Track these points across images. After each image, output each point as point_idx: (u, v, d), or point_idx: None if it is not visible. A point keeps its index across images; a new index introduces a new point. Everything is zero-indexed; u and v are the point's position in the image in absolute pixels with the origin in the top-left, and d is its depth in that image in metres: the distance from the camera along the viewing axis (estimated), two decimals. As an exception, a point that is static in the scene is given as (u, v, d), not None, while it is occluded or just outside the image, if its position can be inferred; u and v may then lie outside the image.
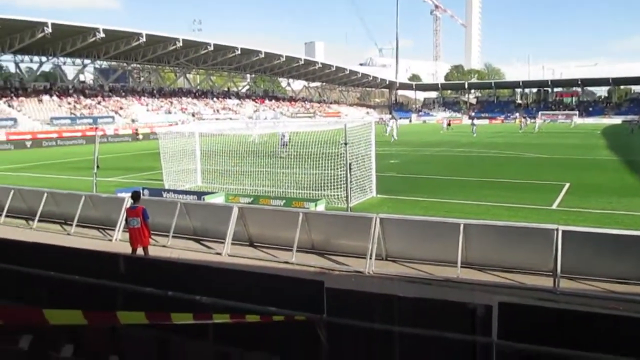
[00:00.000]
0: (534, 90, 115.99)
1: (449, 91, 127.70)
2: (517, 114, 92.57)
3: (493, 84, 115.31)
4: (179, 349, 4.82)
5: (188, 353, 4.82)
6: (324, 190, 17.16)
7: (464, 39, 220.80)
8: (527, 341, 4.22)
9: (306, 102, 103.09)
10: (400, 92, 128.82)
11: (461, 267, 9.61)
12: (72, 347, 5.29)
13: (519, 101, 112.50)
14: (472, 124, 59.13)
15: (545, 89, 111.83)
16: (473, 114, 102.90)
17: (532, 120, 68.18)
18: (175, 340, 4.95)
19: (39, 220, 14.43)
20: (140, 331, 4.93)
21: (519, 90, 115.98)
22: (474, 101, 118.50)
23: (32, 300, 6.58)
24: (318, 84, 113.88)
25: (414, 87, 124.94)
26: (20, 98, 59.03)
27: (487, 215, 13.78)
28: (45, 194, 14.69)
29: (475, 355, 4.41)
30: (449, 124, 69.22)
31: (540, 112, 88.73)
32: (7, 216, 15.15)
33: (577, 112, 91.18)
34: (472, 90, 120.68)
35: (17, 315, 2.88)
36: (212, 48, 70.62)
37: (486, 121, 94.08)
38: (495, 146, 38.69)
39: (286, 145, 23.00)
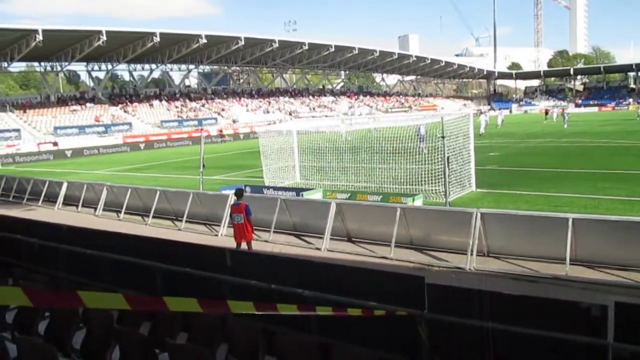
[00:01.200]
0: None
1: (553, 78, 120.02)
2: (630, 100, 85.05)
3: (602, 69, 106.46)
4: (284, 340, 5.00)
5: (292, 343, 4.98)
6: (421, 185, 16.91)
7: (568, 22, 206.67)
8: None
9: (401, 97, 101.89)
10: (499, 81, 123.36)
11: (570, 264, 9.07)
12: (186, 335, 5.68)
13: (632, 86, 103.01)
14: (563, 114, 50.53)
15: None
16: (580, 101, 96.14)
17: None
18: (280, 331, 5.14)
19: (153, 217, 15.56)
20: (247, 321, 5.17)
21: (632, 74, 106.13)
22: (580, 88, 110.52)
23: (150, 290, 7.15)
24: (412, 77, 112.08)
25: (513, 75, 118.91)
26: (134, 104, 63.98)
27: (599, 209, 12.90)
28: (158, 192, 15.81)
29: (590, 358, 4.17)
30: (548, 113, 61.24)
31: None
32: (126, 213, 16.51)
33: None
34: (579, 77, 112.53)
35: (142, 303, 3.14)
36: (306, 47, 71.98)
37: (595, 109, 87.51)
38: (606, 135, 35.87)
39: (424, 139, 20.13)
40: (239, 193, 11.18)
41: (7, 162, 42.61)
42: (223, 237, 13.25)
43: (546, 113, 62.44)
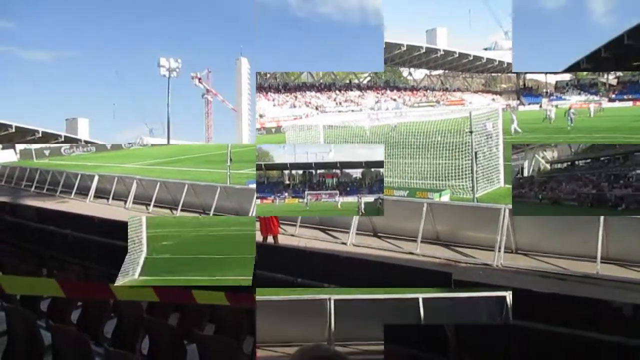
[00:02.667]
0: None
1: (585, 72, 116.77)
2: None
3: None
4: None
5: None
6: (448, 180, 16.71)
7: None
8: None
9: (428, 91, 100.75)
10: (529, 76, 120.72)
11: (601, 262, 8.88)
12: (214, 327, 5.77)
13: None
14: (569, 112, 40.54)
15: None
16: (614, 95, 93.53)
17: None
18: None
19: (181, 210, 15.78)
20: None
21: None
22: (614, 82, 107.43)
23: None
24: (440, 71, 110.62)
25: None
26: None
27: (633, 207, 12.56)
28: (186, 186, 16.05)
29: (621, 358, 4.09)
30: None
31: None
32: (155, 206, 16.78)
33: None
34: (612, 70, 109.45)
35: (171, 295, 3.21)
36: (333, 41, 71.69)
37: (629, 103, 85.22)
38: (642, 130, 34.82)
39: (492, 135, 16.92)
40: (265, 187, 11.25)
41: (40, 155, 43.71)
42: (250, 230, 13.33)
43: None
